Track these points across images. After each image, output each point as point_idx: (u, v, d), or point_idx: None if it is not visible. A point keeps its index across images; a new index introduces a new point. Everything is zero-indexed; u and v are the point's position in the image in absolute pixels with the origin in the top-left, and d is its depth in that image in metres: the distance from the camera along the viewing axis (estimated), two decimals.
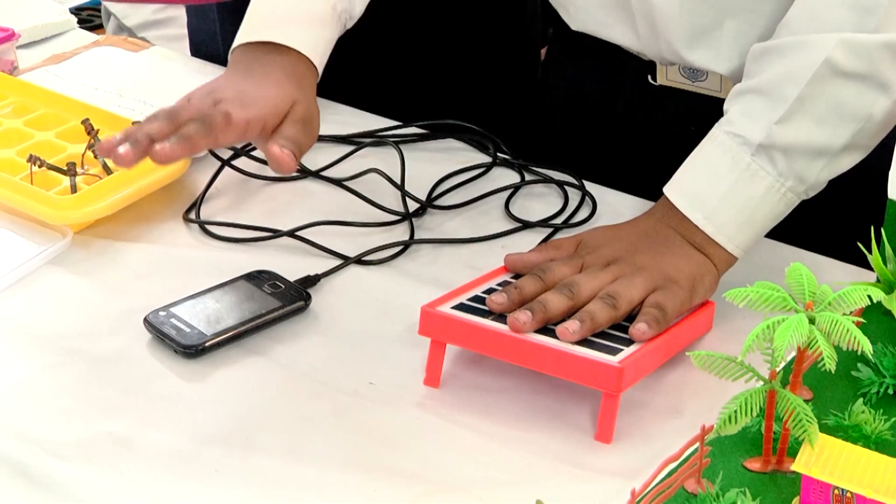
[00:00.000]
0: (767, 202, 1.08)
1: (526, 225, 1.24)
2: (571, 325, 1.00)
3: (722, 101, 1.14)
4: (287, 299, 1.11)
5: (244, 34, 1.17)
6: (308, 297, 1.12)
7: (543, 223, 1.25)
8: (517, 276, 1.10)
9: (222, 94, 1.10)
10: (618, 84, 1.32)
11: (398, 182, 1.28)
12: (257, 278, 1.13)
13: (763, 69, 1.09)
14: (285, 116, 1.10)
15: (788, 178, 1.08)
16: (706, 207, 1.08)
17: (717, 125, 1.10)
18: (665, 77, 1.28)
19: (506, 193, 1.29)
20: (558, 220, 1.25)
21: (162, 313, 1.09)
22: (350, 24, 1.23)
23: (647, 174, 1.29)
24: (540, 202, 1.28)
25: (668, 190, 1.10)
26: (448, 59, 1.57)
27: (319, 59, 1.17)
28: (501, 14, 1.59)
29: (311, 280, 1.15)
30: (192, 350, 1.06)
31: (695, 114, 1.23)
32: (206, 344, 1.06)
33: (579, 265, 1.07)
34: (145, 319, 1.08)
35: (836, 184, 1.18)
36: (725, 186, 1.07)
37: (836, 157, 1.09)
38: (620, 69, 1.30)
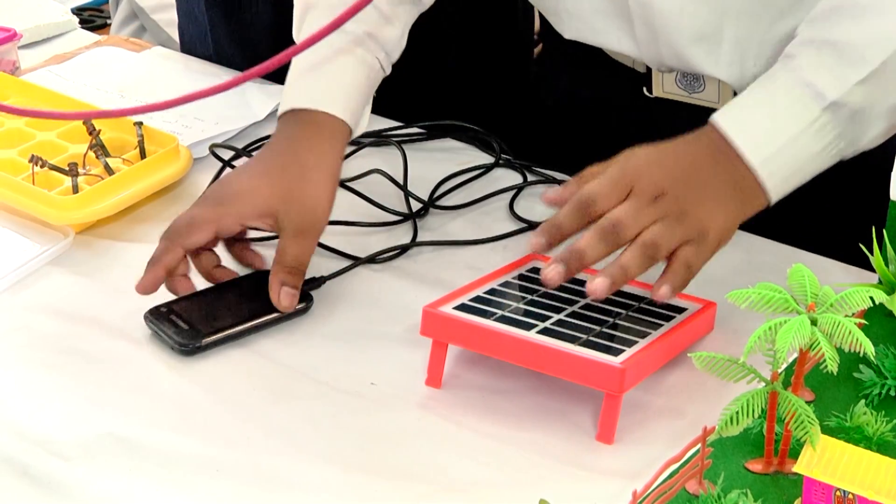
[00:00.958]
0: (819, 159, 1.07)
1: (531, 225, 1.24)
2: (601, 285, 0.98)
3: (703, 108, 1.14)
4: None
5: (282, 104, 1.18)
6: (310, 300, 1.12)
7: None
8: (521, 277, 1.11)
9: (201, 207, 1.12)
10: (612, 97, 1.32)
11: (402, 188, 1.28)
12: (261, 278, 1.13)
13: (837, 26, 1.07)
14: (275, 219, 1.10)
15: (843, 140, 1.07)
16: (765, 153, 1.05)
17: (780, 66, 1.08)
18: (661, 89, 1.27)
19: (508, 194, 1.29)
20: None
21: (163, 309, 1.09)
22: (388, 64, 1.22)
23: None
24: (543, 203, 1.28)
25: (727, 123, 1.06)
26: (443, 62, 1.57)
27: (349, 113, 1.16)
28: (492, 18, 1.59)
29: (316, 282, 1.15)
30: (188, 348, 1.06)
31: (692, 127, 1.22)
32: (203, 343, 1.06)
33: (625, 192, 1.02)
34: (145, 315, 1.08)
35: (838, 185, 1.19)
36: (788, 136, 1.06)
37: (893, 125, 1.08)
38: (615, 81, 1.30)
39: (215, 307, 1.10)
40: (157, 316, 1.08)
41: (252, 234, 1.22)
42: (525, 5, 1.59)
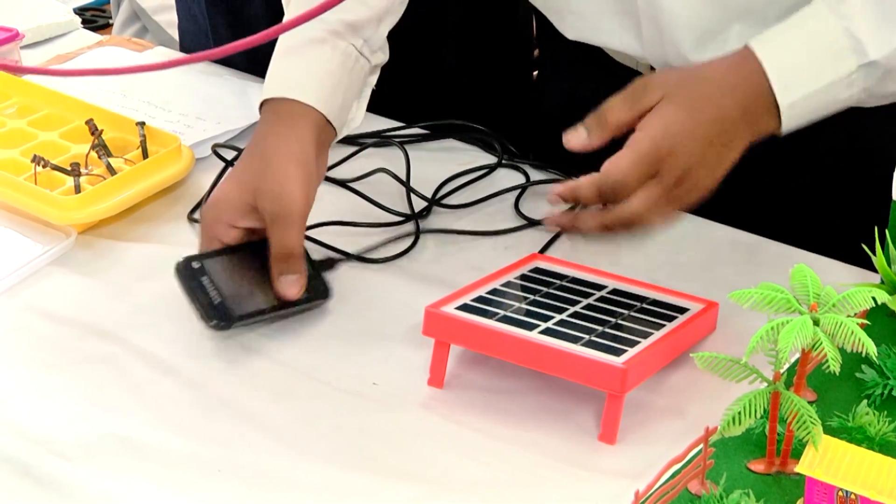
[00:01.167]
0: (838, 105, 1.08)
1: (531, 223, 1.24)
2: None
3: None
4: (312, 292, 1.11)
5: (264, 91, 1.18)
6: (329, 295, 1.12)
7: None
8: (523, 277, 1.11)
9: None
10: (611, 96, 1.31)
11: (405, 185, 1.28)
12: None
13: None
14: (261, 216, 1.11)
15: (868, 93, 1.08)
16: (795, 96, 1.06)
17: (829, 6, 1.07)
18: None
19: (511, 194, 1.29)
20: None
21: (195, 265, 1.08)
22: (368, 49, 1.21)
23: None
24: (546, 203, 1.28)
25: (767, 59, 1.06)
26: (444, 62, 1.57)
27: (314, 95, 1.15)
28: (493, 18, 1.59)
29: (332, 263, 1.16)
30: (216, 326, 1.05)
31: None
32: (231, 326, 1.06)
33: (653, 171, 1.03)
34: (177, 267, 1.07)
35: (840, 185, 1.19)
36: (821, 85, 1.06)
37: None
38: (616, 83, 1.30)
39: (247, 281, 1.09)
40: (189, 272, 1.07)
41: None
42: (525, 6, 1.59)
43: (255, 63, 1.44)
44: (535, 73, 1.59)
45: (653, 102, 1.04)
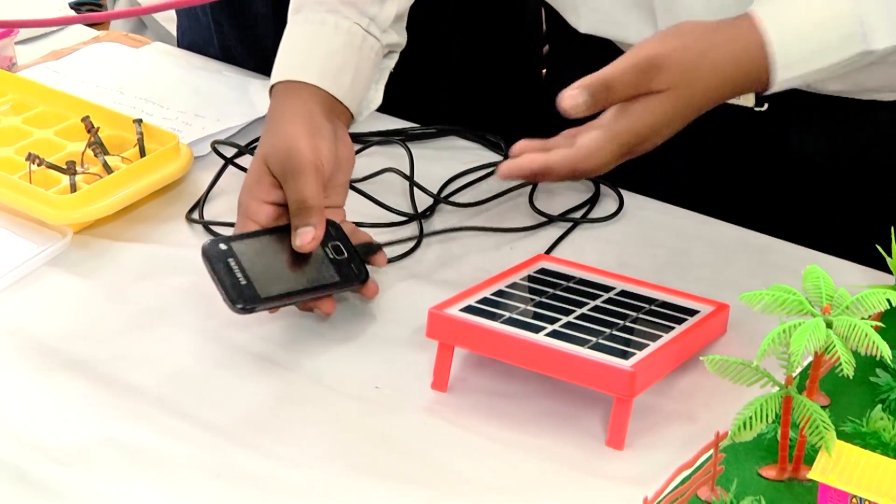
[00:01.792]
0: (829, 74, 1.09)
1: (550, 219, 1.24)
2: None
3: (741, 109, 1.14)
4: (345, 275, 1.10)
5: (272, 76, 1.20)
6: (366, 278, 1.11)
7: (562, 217, 1.25)
8: (529, 278, 1.11)
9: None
10: None
11: (409, 181, 1.28)
12: (326, 231, 1.11)
13: None
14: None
15: (856, 68, 1.09)
16: (792, 74, 1.06)
17: None
18: None
19: (517, 193, 1.29)
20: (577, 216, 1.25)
21: (222, 247, 1.08)
22: (376, 30, 1.22)
23: (661, 178, 1.29)
24: (556, 200, 1.28)
25: (776, 40, 1.06)
26: (449, 60, 1.57)
27: (331, 81, 1.17)
28: (501, 14, 1.58)
29: (374, 248, 1.15)
30: (242, 307, 1.05)
31: (710, 125, 1.22)
32: (257, 308, 1.06)
33: (623, 154, 1.05)
34: (204, 248, 1.07)
35: (855, 184, 1.19)
36: (820, 66, 1.07)
37: None
38: None
39: (276, 263, 1.09)
40: (216, 253, 1.07)
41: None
42: (534, 2, 1.59)
43: (261, 61, 1.44)
44: (544, 71, 1.59)
45: (658, 89, 1.04)
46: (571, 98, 1.03)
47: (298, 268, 1.10)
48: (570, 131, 1.07)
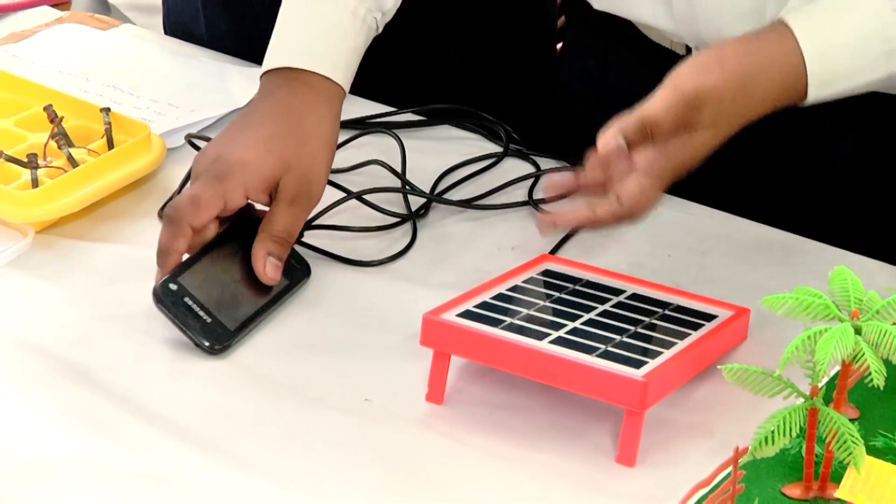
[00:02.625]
0: (871, 86, 1.11)
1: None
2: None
3: None
4: (290, 273, 1.14)
5: (267, 60, 1.20)
6: (309, 270, 1.15)
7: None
8: (532, 281, 1.11)
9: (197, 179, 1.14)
10: (643, 81, 1.32)
11: (400, 178, 1.29)
12: (250, 231, 1.13)
13: None
14: (276, 189, 1.13)
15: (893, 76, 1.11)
16: (828, 91, 1.09)
17: None
18: None
19: (518, 188, 1.29)
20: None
21: (173, 287, 1.09)
22: (383, 24, 1.24)
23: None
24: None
25: (813, 58, 1.08)
26: (450, 38, 1.57)
27: (343, 75, 1.19)
28: None
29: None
30: (218, 348, 1.08)
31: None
32: (233, 342, 1.08)
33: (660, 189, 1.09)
34: (156, 295, 1.08)
35: (885, 179, 1.19)
36: (857, 84, 1.10)
37: None
38: (646, 63, 1.30)
39: (228, 286, 1.11)
40: (170, 299, 1.08)
41: None
42: None
43: (250, 46, 1.44)
44: (559, 45, 1.59)
45: (700, 126, 1.06)
46: (610, 142, 1.05)
47: (250, 285, 1.12)
48: (601, 158, 1.07)
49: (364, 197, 1.26)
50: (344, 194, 1.25)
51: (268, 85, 1.19)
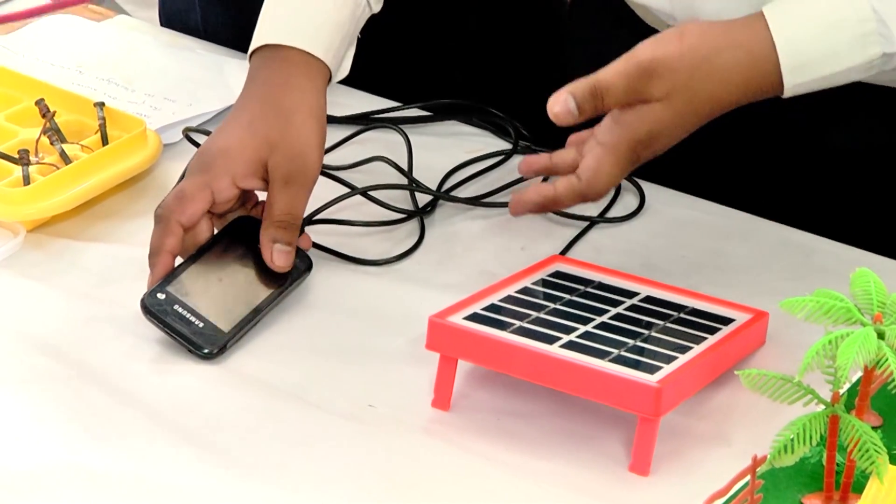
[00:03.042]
0: (844, 82, 1.11)
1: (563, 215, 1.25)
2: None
3: (774, 98, 1.14)
4: (291, 271, 1.13)
5: (252, 44, 1.21)
6: (310, 264, 1.15)
7: (576, 217, 1.25)
8: (542, 283, 1.11)
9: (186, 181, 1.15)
10: None
11: (407, 176, 1.29)
12: (245, 233, 1.14)
13: None
14: (267, 172, 1.14)
15: (877, 72, 1.10)
16: (804, 78, 1.09)
17: None
18: None
19: (530, 185, 1.29)
20: (594, 214, 1.26)
21: (160, 296, 1.09)
22: (377, 2, 1.24)
23: (690, 170, 1.29)
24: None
25: (782, 38, 1.09)
26: (454, 32, 1.57)
27: (323, 49, 1.19)
28: None
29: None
30: (213, 353, 1.07)
31: (742, 112, 1.22)
32: (227, 345, 1.08)
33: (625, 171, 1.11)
34: (144, 306, 1.08)
35: None
36: (835, 70, 1.09)
37: None
38: None
39: (220, 289, 1.11)
40: (159, 308, 1.09)
41: None
42: None
43: (245, 38, 1.44)
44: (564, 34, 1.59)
45: (653, 97, 1.08)
46: (561, 104, 1.09)
47: (244, 284, 1.12)
48: (576, 136, 1.14)
49: (369, 193, 1.26)
50: (348, 190, 1.25)
51: (252, 69, 1.20)
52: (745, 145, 1.31)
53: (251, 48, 1.20)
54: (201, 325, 1.08)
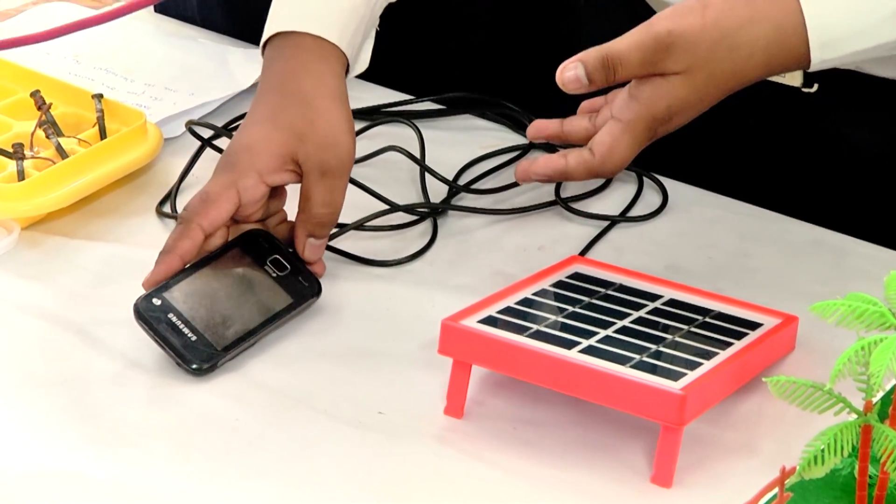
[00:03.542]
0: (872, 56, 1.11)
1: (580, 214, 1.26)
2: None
3: (785, 87, 1.14)
4: (296, 292, 1.13)
5: (266, 30, 1.21)
6: (319, 289, 1.14)
7: (596, 216, 1.25)
8: (560, 284, 1.11)
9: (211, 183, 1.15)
10: None
11: (420, 165, 1.29)
12: (255, 247, 1.14)
13: None
14: (298, 165, 1.14)
15: None
16: (832, 55, 1.08)
17: None
18: None
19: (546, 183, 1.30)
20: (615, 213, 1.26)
21: (156, 302, 1.09)
22: None
23: (715, 167, 1.29)
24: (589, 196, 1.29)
25: (813, 19, 1.08)
26: (468, 24, 1.57)
27: (337, 34, 1.19)
28: None
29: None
30: (202, 369, 1.07)
31: (751, 103, 1.22)
32: (219, 363, 1.08)
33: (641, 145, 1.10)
34: (136, 310, 1.08)
35: None
36: (863, 47, 1.09)
37: None
38: None
39: (219, 302, 1.11)
40: (152, 314, 1.08)
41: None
42: None
43: (243, 27, 1.45)
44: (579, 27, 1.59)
45: (671, 71, 1.07)
46: (570, 71, 1.08)
47: (246, 302, 1.12)
48: (589, 104, 1.14)
49: (375, 191, 1.26)
50: (386, 206, 1.25)
51: (265, 61, 1.20)
52: (774, 142, 1.30)
53: (263, 39, 1.20)
54: (194, 338, 1.08)
